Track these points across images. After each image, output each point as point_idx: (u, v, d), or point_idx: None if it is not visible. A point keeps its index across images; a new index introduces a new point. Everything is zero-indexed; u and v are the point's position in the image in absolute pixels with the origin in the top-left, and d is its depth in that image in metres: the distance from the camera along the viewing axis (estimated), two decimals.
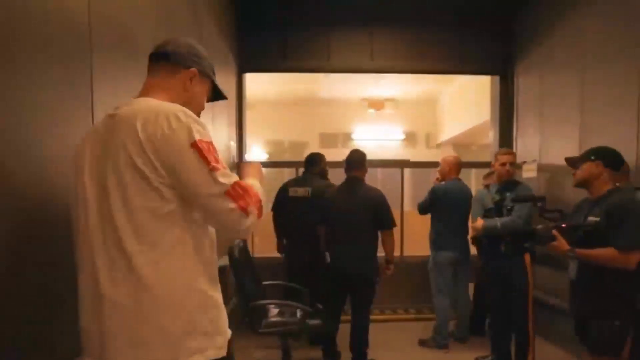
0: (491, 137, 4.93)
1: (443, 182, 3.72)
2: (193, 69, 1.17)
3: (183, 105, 1.07)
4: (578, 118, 3.35)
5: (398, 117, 9.31)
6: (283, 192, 3.59)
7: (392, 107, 9.18)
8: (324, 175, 3.62)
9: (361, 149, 3.33)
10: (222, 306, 1.14)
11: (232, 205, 1.01)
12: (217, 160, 1.01)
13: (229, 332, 1.15)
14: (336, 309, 3.14)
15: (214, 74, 1.26)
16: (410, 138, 9.43)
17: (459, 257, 3.58)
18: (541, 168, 3.95)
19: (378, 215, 3.03)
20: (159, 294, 0.99)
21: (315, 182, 3.49)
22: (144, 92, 1.14)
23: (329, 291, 3.13)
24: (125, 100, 1.12)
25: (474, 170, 9.24)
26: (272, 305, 2.98)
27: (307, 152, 3.87)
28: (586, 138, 3.22)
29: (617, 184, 2.20)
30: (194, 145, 0.98)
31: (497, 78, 4.67)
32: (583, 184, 2.22)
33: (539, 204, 2.64)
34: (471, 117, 7.43)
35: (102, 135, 1.05)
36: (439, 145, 9.33)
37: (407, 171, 5.28)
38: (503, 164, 3.14)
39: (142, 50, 1.63)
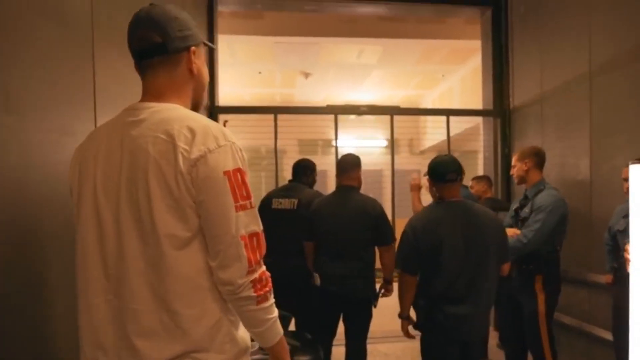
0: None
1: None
2: (192, 47, 1.04)
3: (196, 91, 1.06)
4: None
5: (380, 123, 9.00)
6: (266, 203, 3.07)
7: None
8: (312, 185, 3.15)
9: (354, 154, 2.87)
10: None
11: (243, 252, 0.95)
12: (246, 197, 0.96)
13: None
14: (327, 337, 2.70)
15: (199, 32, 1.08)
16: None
17: None
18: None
19: (378, 229, 2.61)
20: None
21: (303, 192, 2.99)
22: (155, 95, 1.02)
23: (319, 317, 2.69)
24: (144, 104, 1.01)
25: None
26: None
27: (286, 160, 3.40)
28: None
29: None
30: (227, 174, 0.94)
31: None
32: None
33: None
34: (456, 122, 7.16)
35: (122, 145, 0.96)
36: (422, 152, 9.08)
37: (387, 176, 4.91)
38: (513, 166, 2.79)
39: None
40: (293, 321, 2.66)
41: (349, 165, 2.74)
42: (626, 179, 2.23)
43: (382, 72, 6.98)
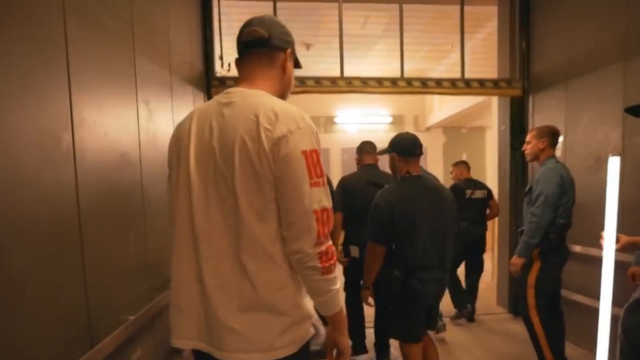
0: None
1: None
2: (289, 50, 1.20)
3: (283, 87, 1.20)
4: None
5: (384, 99, 8.66)
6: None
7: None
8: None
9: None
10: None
11: (314, 225, 1.04)
12: (319, 175, 1.04)
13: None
14: None
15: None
16: (397, 121, 8.80)
17: None
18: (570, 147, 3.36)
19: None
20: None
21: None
22: (249, 82, 1.16)
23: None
24: (237, 89, 1.13)
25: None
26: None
27: None
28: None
29: None
30: (305, 153, 1.03)
31: None
32: None
33: None
34: (465, 97, 6.84)
35: (214, 122, 1.08)
36: (428, 129, 8.76)
37: None
38: (527, 142, 2.73)
39: None
40: None
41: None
42: None
43: (388, 42, 6.59)
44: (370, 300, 2.37)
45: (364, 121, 8.64)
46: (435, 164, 8.51)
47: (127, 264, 1.68)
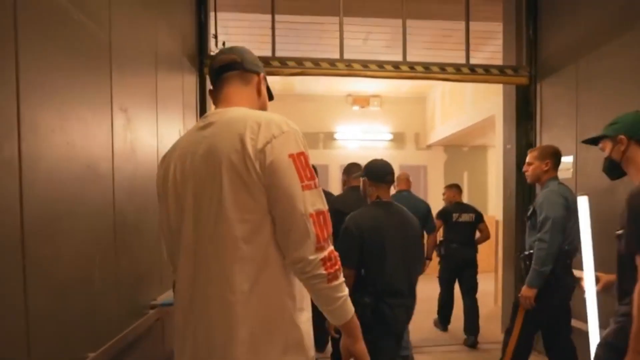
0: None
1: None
2: (262, 74, 1.24)
3: (259, 107, 1.20)
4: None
5: (385, 115, 8.53)
6: None
7: (377, 104, 8.41)
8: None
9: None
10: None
11: (312, 228, 1.01)
12: (310, 177, 1.02)
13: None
14: None
15: None
16: (398, 139, 8.64)
17: None
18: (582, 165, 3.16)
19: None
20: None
21: None
22: (226, 103, 1.18)
23: None
24: (214, 111, 1.15)
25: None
26: None
27: None
28: None
29: None
30: (292, 156, 1.01)
31: None
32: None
33: None
34: (468, 115, 6.71)
35: (195, 147, 1.07)
36: (429, 147, 8.60)
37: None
38: (528, 164, 2.60)
39: None
40: None
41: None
42: None
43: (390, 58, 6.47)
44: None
45: (364, 138, 8.49)
46: (436, 183, 8.32)
47: (89, 290, 1.47)
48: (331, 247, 1.04)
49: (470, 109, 6.63)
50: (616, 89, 2.79)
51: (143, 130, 2.04)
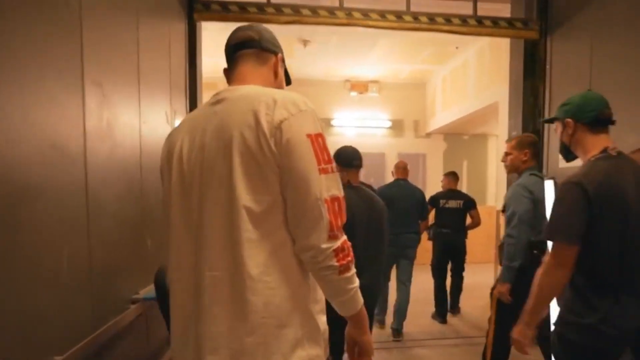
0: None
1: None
2: (280, 55, 1.19)
3: (275, 88, 1.11)
4: None
5: (383, 101, 8.33)
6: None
7: (376, 89, 8.21)
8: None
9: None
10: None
11: (325, 214, 0.95)
12: (328, 161, 0.97)
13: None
14: None
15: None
16: (397, 126, 8.46)
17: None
18: None
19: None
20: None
21: None
22: (239, 80, 1.12)
23: None
24: (226, 88, 1.09)
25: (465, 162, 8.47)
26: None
27: None
28: None
29: None
30: (310, 137, 0.96)
31: None
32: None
33: None
34: (470, 101, 6.53)
35: (205, 122, 1.02)
36: (428, 135, 8.44)
37: (390, 160, 4.59)
38: (507, 154, 2.62)
39: None
40: None
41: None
42: None
43: (389, 42, 6.26)
44: None
45: (362, 125, 8.31)
46: (435, 171, 8.18)
47: (55, 284, 1.31)
48: (344, 237, 0.99)
49: (473, 96, 6.45)
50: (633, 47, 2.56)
51: (120, 104, 1.85)
